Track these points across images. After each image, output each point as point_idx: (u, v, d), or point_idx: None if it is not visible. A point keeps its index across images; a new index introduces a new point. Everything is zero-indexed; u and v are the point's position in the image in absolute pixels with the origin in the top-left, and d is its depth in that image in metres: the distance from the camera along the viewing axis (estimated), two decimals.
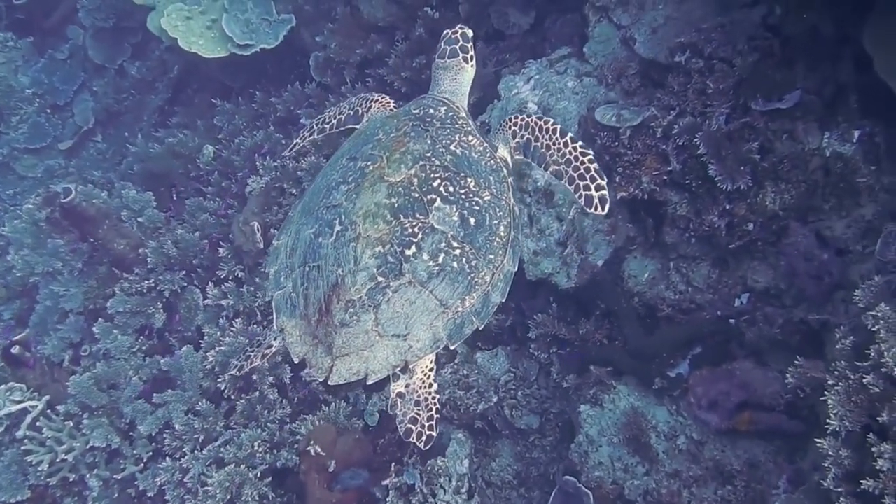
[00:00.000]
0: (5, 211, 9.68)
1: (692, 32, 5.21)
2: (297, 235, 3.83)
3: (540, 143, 3.99)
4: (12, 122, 10.18)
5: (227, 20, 7.71)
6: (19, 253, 7.35)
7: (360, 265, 3.48)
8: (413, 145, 3.75)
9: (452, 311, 3.55)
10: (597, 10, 5.84)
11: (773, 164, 4.88)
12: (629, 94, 5.60)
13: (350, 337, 3.48)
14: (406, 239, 3.50)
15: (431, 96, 4.29)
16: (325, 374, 3.53)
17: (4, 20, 10.93)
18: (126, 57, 10.06)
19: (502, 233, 3.73)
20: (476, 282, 3.59)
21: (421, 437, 3.66)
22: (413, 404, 3.68)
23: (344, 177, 3.78)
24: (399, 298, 3.48)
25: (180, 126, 8.71)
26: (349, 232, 3.55)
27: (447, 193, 3.62)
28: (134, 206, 7.39)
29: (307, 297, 3.63)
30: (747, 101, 4.97)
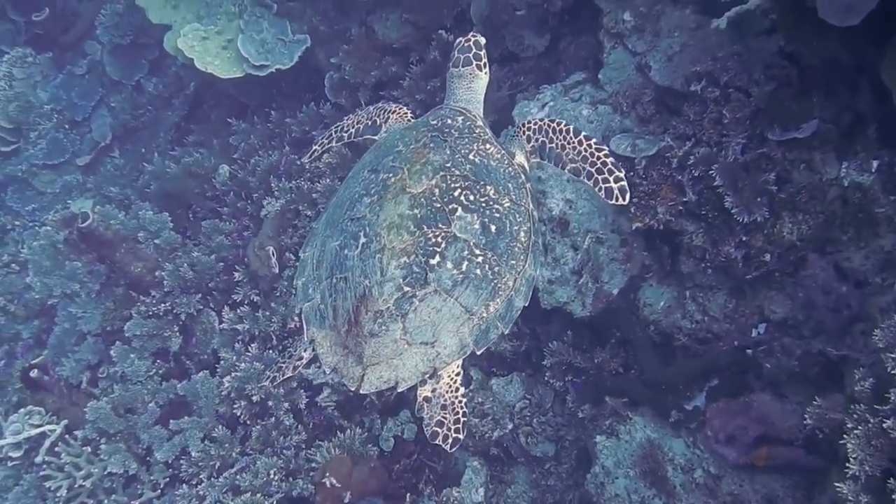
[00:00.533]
0: (24, 227, 9.75)
1: (708, 61, 5.18)
2: (323, 247, 3.90)
3: (555, 144, 4.08)
4: (31, 138, 10.24)
5: (243, 41, 7.72)
6: (38, 275, 7.39)
7: (387, 276, 3.55)
8: (433, 156, 3.82)
9: (478, 317, 3.63)
10: (612, 37, 5.80)
11: (791, 194, 4.84)
12: (644, 121, 5.56)
13: (379, 346, 3.56)
14: (430, 248, 3.57)
15: (448, 106, 4.35)
16: (357, 383, 3.60)
17: (23, 35, 10.99)
18: (143, 73, 10.08)
19: (523, 238, 3.81)
20: (499, 287, 3.67)
21: (447, 440, 3.69)
22: (440, 408, 3.72)
23: (366, 189, 3.85)
24: (425, 307, 3.55)
25: (196, 144, 8.73)
26: (374, 243, 3.63)
27: (468, 202, 3.70)
28: (150, 227, 7.43)
29: (336, 308, 3.70)
30: (764, 131, 4.93)
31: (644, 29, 5.64)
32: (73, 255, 7.39)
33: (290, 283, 6.55)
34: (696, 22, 5.45)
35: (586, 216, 5.49)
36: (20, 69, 10.52)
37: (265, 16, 7.95)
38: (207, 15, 8.25)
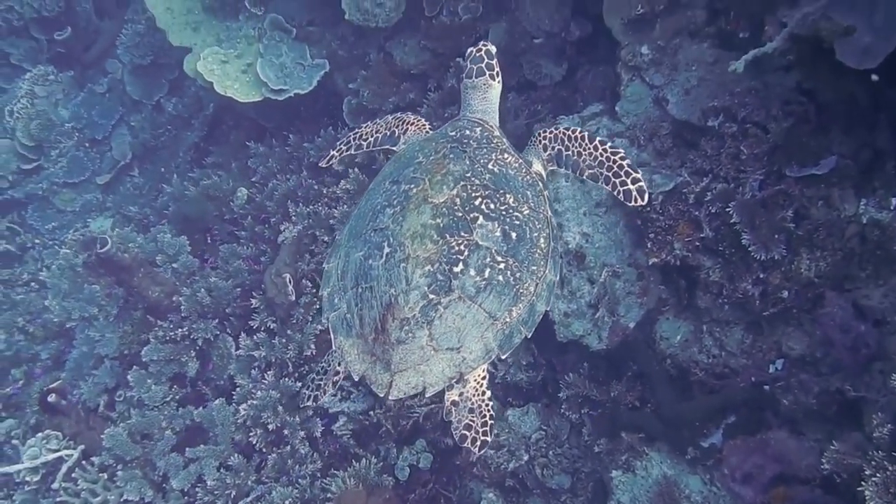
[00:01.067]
0: (44, 246, 9.83)
1: (726, 96, 5.16)
2: (347, 258, 4.00)
3: (571, 151, 4.21)
4: (52, 156, 10.33)
5: (262, 65, 7.76)
6: (56, 298, 7.44)
7: (412, 284, 3.65)
8: (453, 166, 3.92)
9: (501, 322, 3.74)
10: (629, 69, 5.80)
11: (809, 231, 4.82)
12: (661, 154, 5.55)
13: (407, 353, 3.66)
14: (453, 257, 3.68)
15: (465, 118, 4.47)
16: (386, 389, 3.71)
17: (45, 54, 11.10)
18: (163, 93, 10.18)
19: (542, 244, 3.92)
20: (521, 293, 3.78)
21: (476, 443, 3.79)
22: (467, 411, 3.82)
23: (388, 200, 3.95)
24: (450, 314, 3.65)
25: (215, 166, 8.78)
26: (398, 253, 3.72)
27: (488, 210, 3.80)
28: (169, 250, 7.47)
29: (362, 317, 3.80)
30: (782, 168, 4.92)
31: (662, 62, 5.63)
32: (91, 278, 7.43)
33: (306, 311, 6.57)
34: (713, 56, 5.44)
35: (603, 250, 5.48)
36: (42, 87, 10.63)
37: (284, 40, 7.99)
38: (227, 38, 8.30)
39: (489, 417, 3.85)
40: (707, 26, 5.49)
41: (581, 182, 5.57)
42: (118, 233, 7.74)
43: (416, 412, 6.07)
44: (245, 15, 8.29)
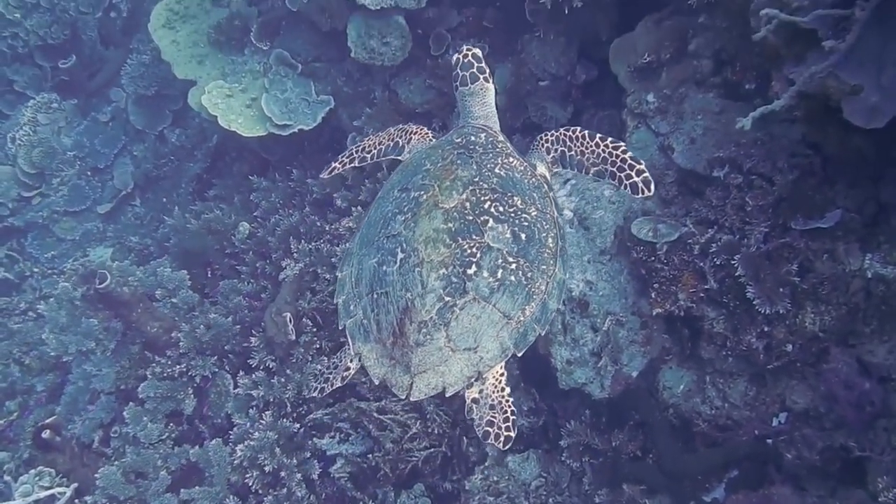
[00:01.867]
0: (43, 275, 9.79)
1: (731, 147, 5.16)
2: (360, 265, 4.05)
3: (574, 151, 4.29)
4: (53, 184, 10.32)
5: (267, 100, 7.77)
6: (54, 332, 7.39)
7: (428, 288, 3.70)
8: (461, 172, 3.99)
9: (515, 321, 3.80)
10: (635, 116, 5.80)
11: (813, 284, 4.79)
12: (666, 202, 5.54)
13: (426, 355, 3.71)
14: (466, 259, 3.73)
15: (469, 125, 4.53)
16: (406, 391, 3.75)
17: (49, 81, 11.12)
18: (167, 124, 10.18)
19: (551, 244, 3.99)
20: (533, 292, 3.84)
21: (499, 438, 3.82)
22: (488, 408, 3.87)
23: (399, 207, 4.00)
24: (466, 315, 3.71)
25: (217, 199, 8.76)
26: (412, 258, 3.77)
27: (498, 213, 3.86)
28: (168, 285, 7.44)
29: (379, 321, 3.84)
30: (787, 220, 4.89)
31: (667, 110, 5.63)
32: (89, 312, 7.38)
33: (306, 350, 6.52)
34: (719, 106, 5.44)
35: (606, 298, 5.45)
36: (45, 115, 10.64)
37: (289, 75, 8.01)
38: (232, 72, 8.32)
39: (510, 413, 3.89)
40: (713, 76, 5.49)
41: (584, 229, 5.55)
42: (118, 266, 7.73)
43: (414, 456, 6.01)
44: (250, 49, 8.32)
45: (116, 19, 11.29)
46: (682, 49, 5.59)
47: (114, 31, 11.24)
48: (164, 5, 9.02)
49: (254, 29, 8.13)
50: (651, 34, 5.74)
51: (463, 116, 4.65)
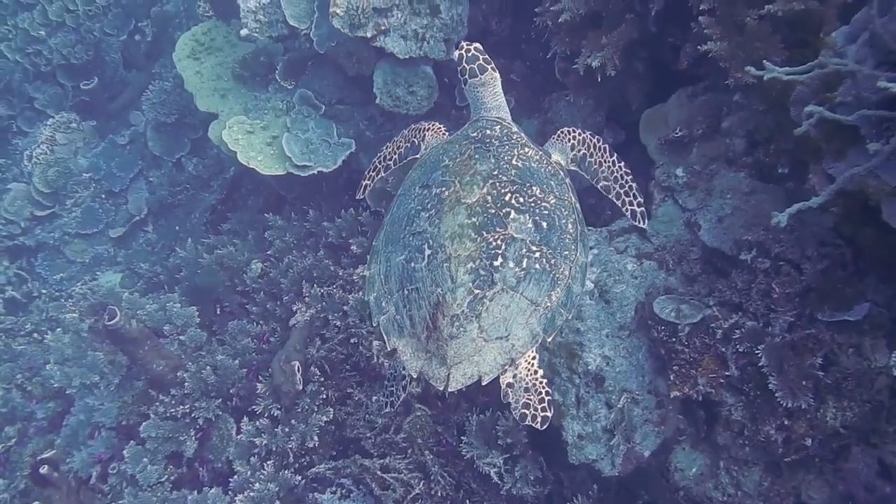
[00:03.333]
0: (50, 297, 9.71)
1: (760, 230, 5.06)
2: (388, 263, 4.15)
3: (594, 159, 4.61)
4: (67, 205, 10.27)
5: (288, 139, 7.70)
6: (58, 363, 7.29)
7: (457, 282, 3.82)
8: (480, 166, 4.12)
9: (542, 307, 3.92)
10: (662, 189, 5.71)
11: (837, 379, 4.67)
12: (690, 279, 5.44)
13: (460, 347, 3.82)
14: (492, 252, 3.86)
15: (483, 118, 4.64)
16: (444, 382, 3.87)
17: (70, 101, 11.11)
18: (184, 152, 10.15)
19: (571, 229, 4.13)
20: (558, 278, 3.97)
21: (536, 420, 3.98)
22: (523, 391, 4.02)
23: (422, 204, 4.11)
24: (496, 305, 3.83)
25: (231, 233, 8.69)
26: (440, 254, 3.90)
27: (518, 204, 3.99)
28: (177, 321, 7.36)
29: (412, 317, 3.95)
30: (813, 311, 4.79)
31: (696, 186, 5.54)
32: (95, 343, 7.30)
33: (312, 400, 6.42)
34: (749, 186, 5.34)
35: (623, 374, 5.34)
36: (63, 134, 10.64)
37: (312, 115, 7.95)
38: (255, 108, 8.27)
39: (545, 394, 4.03)
40: (745, 156, 5.41)
41: (605, 303, 5.44)
42: (128, 298, 7.66)
43: None
44: (274, 87, 8.28)
45: (140, 43, 11.34)
46: (714, 126, 5.51)
47: (137, 54, 11.27)
48: (190, 36, 9.02)
49: (279, 67, 8.09)
50: (684, 108, 5.67)
51: (475, 110, 4.74)
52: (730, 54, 4.96)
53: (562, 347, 5.44)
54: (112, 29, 11.23)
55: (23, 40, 11.29)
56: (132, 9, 11.35)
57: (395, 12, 7.00)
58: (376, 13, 6.94)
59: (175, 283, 8.63)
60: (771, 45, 4.83)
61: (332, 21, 6.96)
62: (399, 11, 7.01)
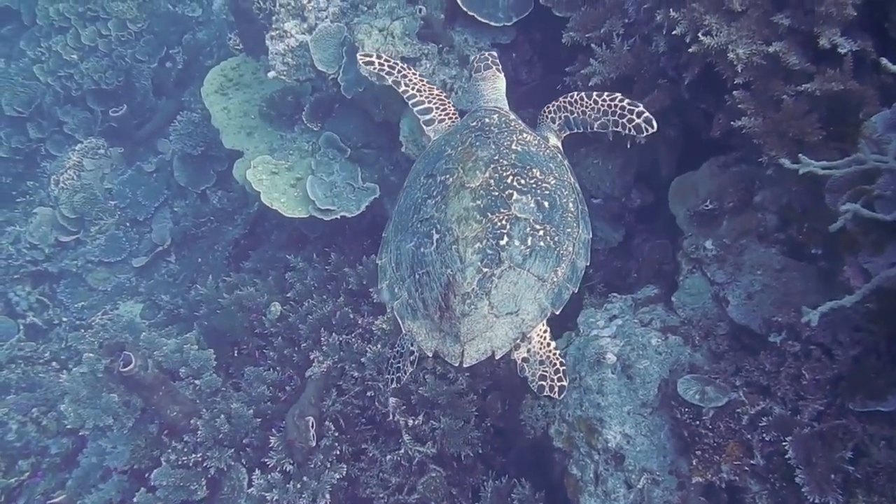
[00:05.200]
0: (72, 325, 9.69)
1: (791, 312, 4.88)
2: (398, 250, 4.40)
3: (576, 113, 4.83)
4: (91, 232, 10.26)
5: (312, 182, 7.60)
6: (73, 403, 7.22)
7: (466, 262, 4.04)
8: (481, 153, 4.36)
9: (549, 282, 4.15)
10: (690, 261, 5.55)
11: (868, 473, 4.46)
12: (717, 356, 5.26)
13: (472, 324, 4.04)
14: (498, 232, 4.08)
15: (481, 108, 4.98)
16: (459, 358, 4.09)
17: (98, 126, 11.14)
18: (210, 184, 10.12)
19: (572, 208, 4.37)
20: (562, 254, 4.21)
21: (553, 390, 4.26)
22: (538, 364, 4.24)
23: (428, 192, 4.36)
24: (504, 282, 4.04)
25: (252, 272, 8.60)
26: (448, 237, 4.13)
27: (520, 186, 4.23)
28: (194, 364, 7.29)
29: (424, 299, 4.18)
30: (844, 400, 4.61)
31: (725, 260, 5.37)
32: (111, 384, 7.23)
33: (325, 456, 6.31)
34: (781, 264, 5.17)
35: (644, 454, 5.17)
36: (91, 160, 10.68)
37: (337, 158, 7.86)
38: (280, 148, 8.20)
39: (560, 364, 4.27)
40: (777, 232, 5.23)
41: (627, 378, 5.29)
42: (146, 337, 7.59)
43: None
44: (301, 127, 8.21)
45: (171, 70, 11.35)
46: (746, 199, 5.34)
47: (167, 81, 11.28)
48: (218, 71, 8.99)
49: (306, 108, 8.01)
50: (715, 178, 5.51)
51: (475, 101, 5.11)
52: (764, 131, 4.81)
53: (581, 422, 5.29)
54: (143, 55, 11.26)
55: (55, 63, 11.38)
56: (164, 36, 11.39)
57: (424, 62, 6.92)
58: (405, 62, 6.84)
59: (194, 318, 8.56)
60: (807, 125, 4.67)
61: (360, 69, 6.88)
62: (428, 61, 6.92)
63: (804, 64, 4.70)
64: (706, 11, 4.94)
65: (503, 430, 6.37)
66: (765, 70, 4.82)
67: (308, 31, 7.61)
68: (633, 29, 5.82)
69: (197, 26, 11.84)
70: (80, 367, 7.44)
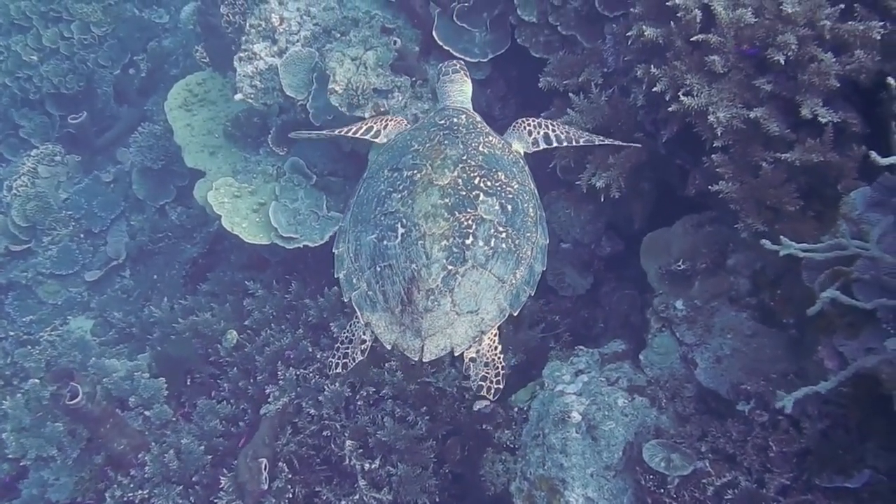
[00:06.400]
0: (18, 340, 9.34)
1: (760, 381, 4.82)
2: (358, 241, 4.36)
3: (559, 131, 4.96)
4: (43, 243, 9.93)
5: (276, 209, 7.40)
6: (14, 432, 6.94)
7: (432, 258, 4.05)
8: (450, 151, 4.39)
9: (508, 284, 4.18)
10: (660, 319, 5.45)
11: None
12: (682, 419, 5.17)
13: (434, 319, 4.05)
14: (464, 231, 4.11)
15: (449, 107, 5.01)
16: (419, 353, 4.09)
17: (56, 132, 10.81)
18: (169, 199, 9.83)
19: (532, 213, 4.42)
20: (521, 257, 4.24)
21: (490, 391, 4.25)
22: (483, 366, 4.24)
23: (393, 186, 4.34)
24: (467, 281, 4.07)
25: (209, 295, 8.34)
26: (414, 232, 4.12)
27: (486, 188, 4.27)
28: (144, 393, 7.05)
29: (385, 292, 4.16)
30: (811, 476, 4.53)
31: (695, 321, 5.28)
32: (56, 410, 6.96)
33: (278, 500, 6.10)
34: (751, 329, 5.09)
35: None
36: (46, 167, 10.36)
37: (303, 185, 7.68)
38: (244, 170, 7.99)
39: (501, 368, 4.28)
40: (749, 296, 5.15)
41: (592, 439, 5.17)
42: (95, 363, 7.34)
43: None
44: (266, 150, 8.01)
45: (134, 77, 11.08)
46: (719, 261, 5.26)
47: (130, 89, 11.01)
48: (183, 85, 8.77)
49: (272, 131, 7.81)
50: (688, 237, 5.43)
51: (441, 101, 5.16)
52: (741, 197, 4.72)
53: (543, 481, 5.17)
54: (106, 60, 10.95)
55: (13, 63, 11.01)
56: (129, 42, 11.09)
57: (396, 94, 6.77)
58: (376, 94, 6.70)
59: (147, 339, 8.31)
60: (785, 194, 4.59)
61: (331, 98, 6.72)
62: (400, 94, 6.77)
63: (784, 131, 4.62)
64: (688, 70, 4.86)
65: (461, 476, 6.22)
66: (744, 134, 4.74)
67: (278, 55, 7.42)
68: (612, 79, 5.73)
69: (163, 33, 11.55)
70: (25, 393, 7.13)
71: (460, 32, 6.69)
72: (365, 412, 6.44)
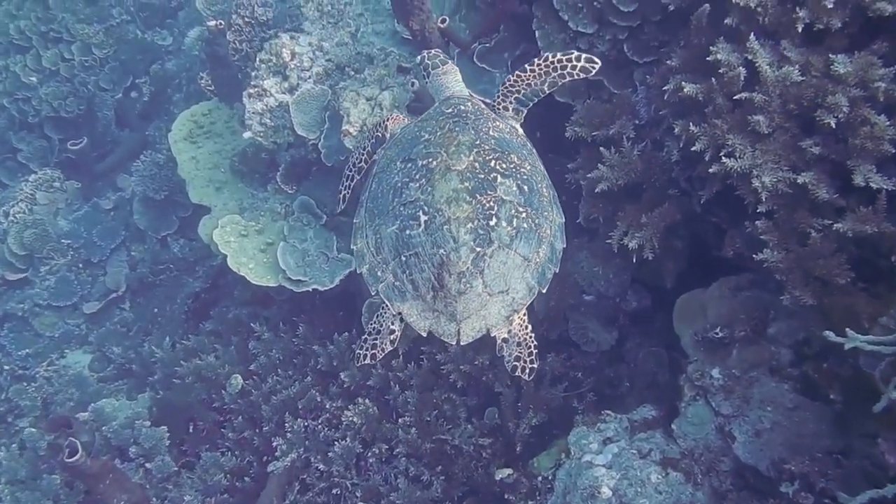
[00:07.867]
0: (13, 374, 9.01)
1: (805, 459, 4.51)
2: (378, 235, 4.41)
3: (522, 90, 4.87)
4: (41, 272, 9.62)
5: (284, 249, 7.09)
6: (9, 485, 6.63)
7: (460, 241, 4.11)
8: (462, 137, 4.42)
9: (534, 262, 4.27)
10: (694, 387, 5.16)
11: None
12: (719, 495, 4.88)
13: (468, 302, 4.14)
14: (487, 212, 4.17)
15: (453, 97, 4.98)
16: (455, 337, 4.18)
17: (55, 156, 10.52)
18: (171, 231, 9.52)
19: (546, 193, 4.50)
20: (542, 236, 4.32)
21: (525, 371, 4.36)
22: (515, 346, 4.32)
23: (409, 176, 4.37)
24: (495, 261, 4.15)
25: (213, 335, 8.03)
26: (438, 218, 4.16)
27: (502, 170, 4.33)
28: (145, 443, 6.74)
29: (413, 281, 4.23)
30: None
31: (733, 391, 4.99)
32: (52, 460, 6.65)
33: None
34: (793, 402, 4.80)
35: None
36: (44, 193, 10.08)
37: (312, 224, 7.38)
38: (251, 207, 7.68)
39: (534, 347, 4.38)
40: (791, 367, 4.87)
41: None
42: (94, 408, 7.04)
43: None
44: (274, 187, 7.71)
45: (136, 101, 10.79)
46: (759, 329, 4.97)
47: (132, 113, 10.73)
48: (188, 115, 8.49)
49: (281, 168, 7.51)
50: (725, 302, 5.14)
51: (441, 93, 5.10)
52: (787, 267, 4.44)
53: None
54: (108, 83, 10.65)
55: (12, 84, 10.74)
56: (131, 64, 10.79)
57: None
58: None
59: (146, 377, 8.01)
60: (835, 265, 4.31)
61: (344, 140, 6.45)
62: None
63: (832, 196, 4.35)
64: (729, 129, 4.59)
65: None
66: (790, 199, 4.47)
67: (289, 91, 7.13)
68: (644, 131, 5.45)
69: (166, 56, 11.24)
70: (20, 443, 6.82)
71: (480, 73, 6.40)
72: (377, 470, 6.17)
